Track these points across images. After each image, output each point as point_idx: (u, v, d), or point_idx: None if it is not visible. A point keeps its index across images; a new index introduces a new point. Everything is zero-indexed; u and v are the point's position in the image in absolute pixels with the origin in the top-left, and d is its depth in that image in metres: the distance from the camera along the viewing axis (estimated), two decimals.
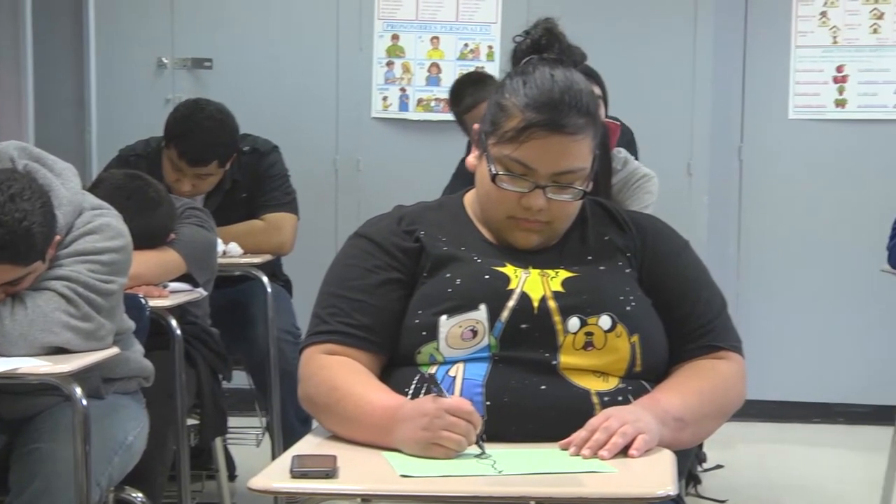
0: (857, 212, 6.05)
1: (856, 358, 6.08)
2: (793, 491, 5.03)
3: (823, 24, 6.11)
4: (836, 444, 5.85)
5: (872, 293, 5.85)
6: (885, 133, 6.10)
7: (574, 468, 1.95)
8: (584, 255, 2.33)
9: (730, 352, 2.34)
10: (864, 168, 6.11)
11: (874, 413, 5.88)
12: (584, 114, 2.27)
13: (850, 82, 6.11)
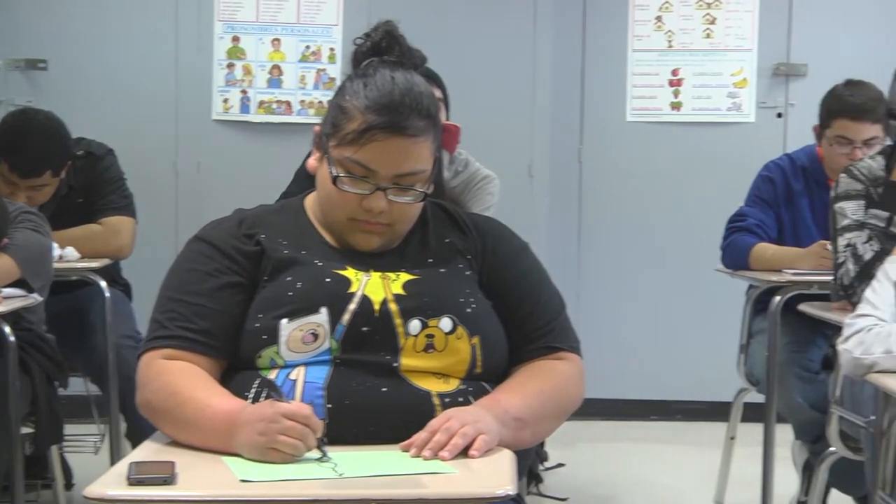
0: (692, 212, 6.17)
1: (692, 355, 6.21)
2: (632, 487, 5.12)
3: (659, 28, 6.23)
4: (673, 440, 5.96)
5: (708, 292, 5.97)
6: (719, 135, 6.24)
7: (415, 469, 1.95)
8: (424, 258, 2.34)
9: (568, 352, 2.37)
10: (698, 169, 6.24)
11: (710, 409, 6.01)
12: (424, 116, 2.28)
13: (685, 85, 6.24)
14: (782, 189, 4.38)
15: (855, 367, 2.85)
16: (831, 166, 4.24)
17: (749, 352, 4.45)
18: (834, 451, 3.68)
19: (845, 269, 3.40)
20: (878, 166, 3.52)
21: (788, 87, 6.22)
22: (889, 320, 2.87)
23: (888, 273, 2.94)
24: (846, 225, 3.48)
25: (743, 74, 6.21)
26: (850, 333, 2.87)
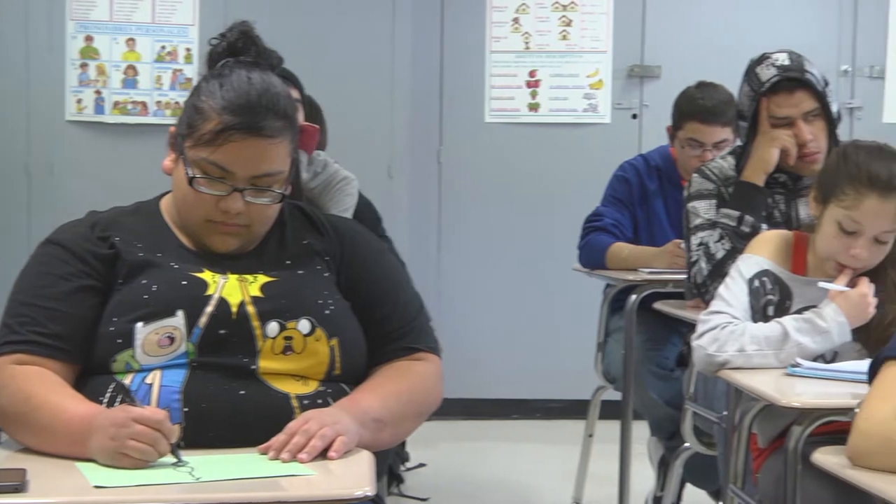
0: (550, 212, 6.24)
1: (551, 354, 6.27)
2: (493, 486, 5.15)
3: (516, 30, 6.29)
4: (533, 438, 6.02)
5: (566, 291, 6.04)
6: (576, 135, 6.32)
7: (273, 472, 1.95)
8: (282, 260, 2.33)
9: (427, 353, 2.38)
10: (556, 169, 6.31)
11: (569, 407, 6.08)
12: (281, 117, 2.27)
13: (543, 87, 6.30)
14: (637, 189, 4.44)
15: (708, 364, 2.91)
16: (684, 167, 4.32)
17: (606, 350, 4.50)
18: (688, 447, 3.74)
19: (698, 268, 3.46)
20: (729, 166, 3.59)
21: (643, 89, 6.32)
22: (742, 318, 2.93)
23: (741, 271, 3.00)
24: (699, 224, 3.54)
25: (599, 76, 6.29)
26: (704, 331, 2.92)
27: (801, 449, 2.55)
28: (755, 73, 3.49)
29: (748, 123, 3.52)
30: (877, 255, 2.90)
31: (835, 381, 2.72)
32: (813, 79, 3.44)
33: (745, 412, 2.89)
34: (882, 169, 2.83)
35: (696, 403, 3.55)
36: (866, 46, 6.31)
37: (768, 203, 3.52)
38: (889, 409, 2.20)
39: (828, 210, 2.90)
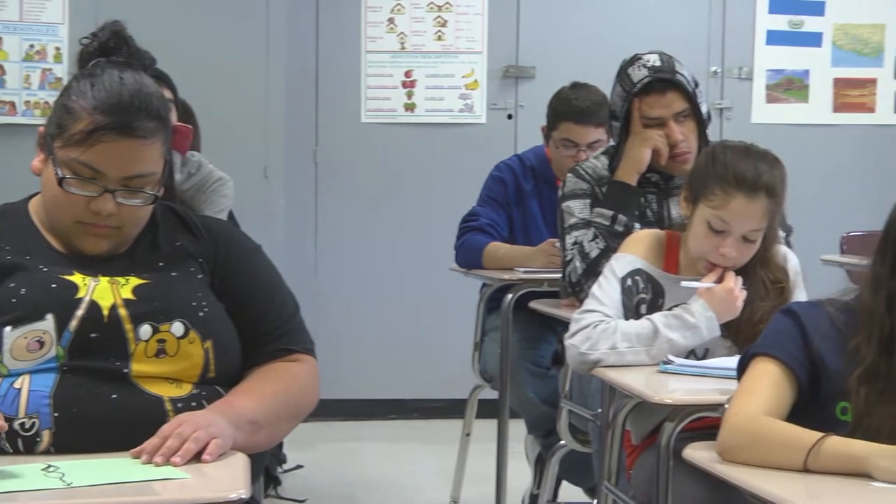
0: (427, 212, 6.25)
1: (429, 354, 6.29)
2: (370, 487, 5.16)
3: (391, 30, 6.30)
4: (411, 438, 6.03)
5: (443, 291, 6.06)
6: (452, 136, 6.34)
7: (147, 476, 1.93)
8: (155, 262, 2.31)
9: (303, 353, 2.38)
10: (432, 169, 6.33)
11: (446, 407, 6.11)
12: (154, 117, 2.25)
13: (418, 87, 6.32)
14: (513, 189, 4.47)
15: (581, 362, 2.94)
16: (558, 167, 4.36)
17: (483, 349, 4.52)
18: (564, 445, 3.78)
19: (573, 267, 3.50)
20: (603, 166, 3.63)
21: (518, 89, 6.37)
22: (614, 316, 2.96)
23: (614, 270, 3.04)
24: (573, 223, 3.58)
25: (474, 76, 6.33)
26: (577, 330, 2.95)
27: (673, 445, 2.59)
28: (627, 73, 3.53)
29: (621, 124, 3.57)
30: (746, 254, 2.96)
31: (705, 377, 2.77)
32: (683, 80, 3.50)
33: (618, 409, 2.93)
34: (748, 169, 2.88)
35: (572, 401, 3.59)
36: (735, 48, 6.43)
37: (641, 202, 3.56)
38: (757, 405, 2.25)
39: (697, 210, 2.95)
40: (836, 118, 6.48)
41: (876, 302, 2.29)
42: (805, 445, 2.14)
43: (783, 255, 3.06)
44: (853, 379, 2.26)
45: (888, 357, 2.26)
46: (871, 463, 2.09)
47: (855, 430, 2.22)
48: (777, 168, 2.92)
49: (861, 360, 2.27)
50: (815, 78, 6.45)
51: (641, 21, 6.32)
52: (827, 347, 2.30)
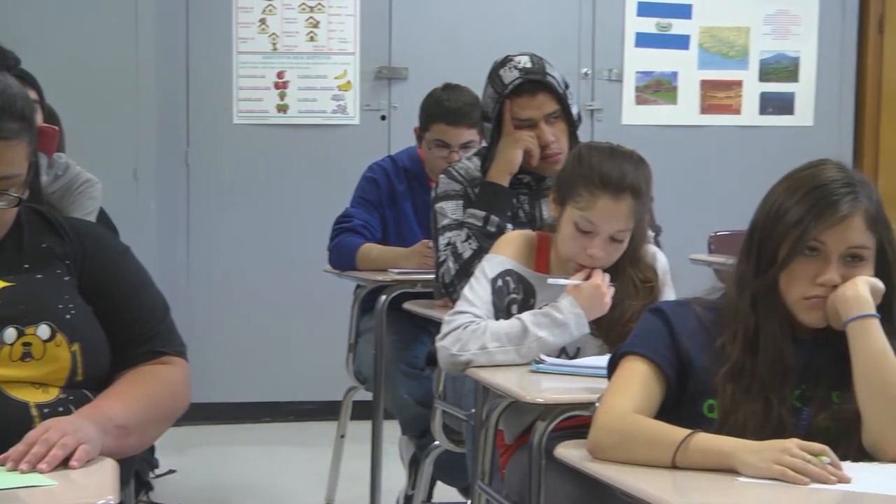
0: (300, 214, 6.22)
1: (303, 356, 6.26)
2: (244, 490, 5.12)
3: (263, 30, 6.26)
4: (285, 441, 6.00)
5: (317, 292, 6.04)
6: (325, 137, 6.32)
7: (12, 484, 1.89)
8: (20, 264, 2.27)
9: (174, 356, 2.36)
10: (306, 171, 6.29)
11: (321, 409, 6.08)
12: (18, 118, 2.21)
13: (291, 88, 6.29)
14: (386, 190, 4.47)
15: (452, 364, 2.95)
16: (431, 168, 4.37)
17: (357, 351, 4.52)
18: (438, 445, 3.79)
19: (446, 268, 3.51)
20: (475, 167, 3.65)
21: (391, 90, 6.37)
22: (485, 317, 2.98)
23: (485, 271, 3.05)
24: (446, 224, 3.59)
25: (347, 77, 6.31)
26: (447, 331, 2.96)
27: (545, 444, 2.62)
28: (498, 75, 3.55)
29: (492, 125, 3.59)
30: (613, 254, 2.99)
31: (577, 376, 2.80)
32: (554, 81, 3.53)
33: (491, 409, 2.94)
34: (613, 170, 2.92)
35: (446, 402, 3.60)
36: (605, 50, 6.50)
37: (513, 203, 3.59)
38: (627, 403, 2.28)
39: (565, 211, 2.98)
40: (704, 119, 6.59)
41: (741, 300, 2.34)
42: (673, 442, 2.18)
43: (652, 254, 3.10)
44: (719, 377, 2.30)
45: (753, 355, 2.31)
46: (737, 458, 2.13)
47: (721, 427, 2.26)
48: (642, 168, 2.96)
49: (727, 358, 2.31)
50: (682, 80, 6.55)
51: (513, 23, 6.36)
52: (694, 346, 2.34)
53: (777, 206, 2.32)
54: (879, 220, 2.31)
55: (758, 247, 2.34)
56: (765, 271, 2.32)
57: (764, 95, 6.59)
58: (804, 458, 2.09)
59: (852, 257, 2.29)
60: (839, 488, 2.07)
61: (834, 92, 6.63)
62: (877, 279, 2.30)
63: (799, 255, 2.28)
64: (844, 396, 2.29)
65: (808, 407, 2.31)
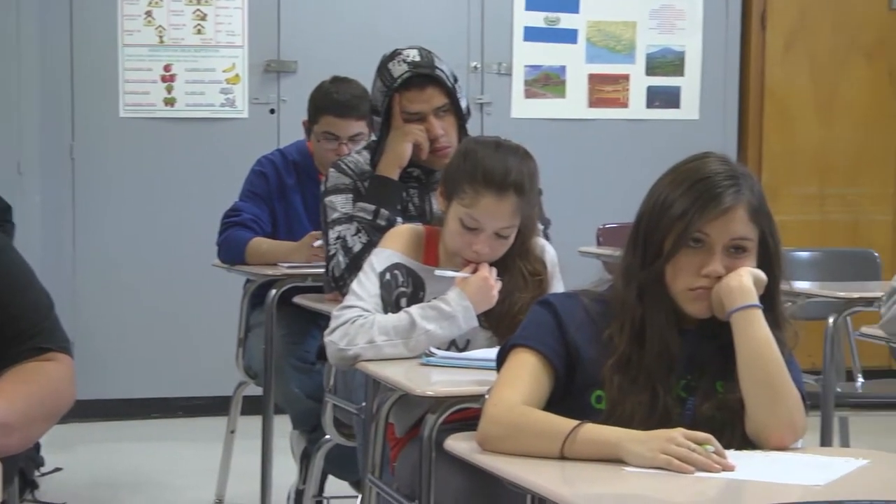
0: (189, 208, 6.16)
1: (193, 351, 6.21)
2: (132, 488, 5.07)
3: (149, 23, 6.18)
4: (174, 437, 5.95)
5: (206, 287, 5.98)
6: (213, 131, 6.27)
7: None
8: None
9: (58, 352, 2.32)
10: (194, 165, 6.24)
11: (211, 404, 6.03)
12: None
13: (178, 81, 6.22)
14: (275, 183, 4.45)
15: (340, 358, 2.95)
16: (320, 161, 4.35)
17: (247, 345, 4.49)
18: (329, 439, 3.78)
19: (336, 262, 3.50)
20: (365, 161, 3.65)
21: (280, 84, 6.33)
22: (373, 310, 2.98)
23: (373, 265, 3.05)
24: (336, 218, 3.58)
25: (235, 71, 6.26)
26: (335, 326, 2.96)
27: (435, 436, 2.62)
28: (387, 68, 3.55)
29: (382, 118, 3.58)
30: (499, 250, 3.00)
31: (467, 368, 2.81)
32: (443, 75, 3.54)
33: (381, 403, 2.94)
34: (498, 167, 2.92)
35: (336, 396, 3.59)
36: (494, 44, 6.52)
37: (403, 197, 3.59)
38: (515, 395, 2.29)
39: (451, 207, 2.98)
40: (592, 113, 6.64)
41: (627, 292, 2.36)
42: (562, 433, 2.20)
43: (541, 247, 3.12)
44: (607, 368, 2.33)
45: (639, 346, 2.33)
46: (624, 448, 2.15)
47: (609, 418, 2.29)
48: (527, 163, 2.97)
49: (614, 350, 2.34)
50: (571, 74, 6.59)
51: (402, 16, 6.36)
52: (582, 337, 2.36)
53: (662, 198, 2.35)
54: (762, 211, 2.35)
55: (644, 239, 2.36)
56: (651, 263, 2.34)
57: (651, 89, 6.67)
58: (689, 447, 2.13)
59: (735, 249, 2.33)
60: (723, 476, 2.11)
61: (718, 86, 6.72)
62: (759, 270, 2.34)
63: (683, 247, 2.31)
64: (728, 386, 2.33)
65: (693, 397, 2.34)
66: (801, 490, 2.06)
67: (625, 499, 2.04)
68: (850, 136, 6.86)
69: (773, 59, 6.79)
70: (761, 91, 6.78)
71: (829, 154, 6.84)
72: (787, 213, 6.56)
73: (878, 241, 6.41)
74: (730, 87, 6.76)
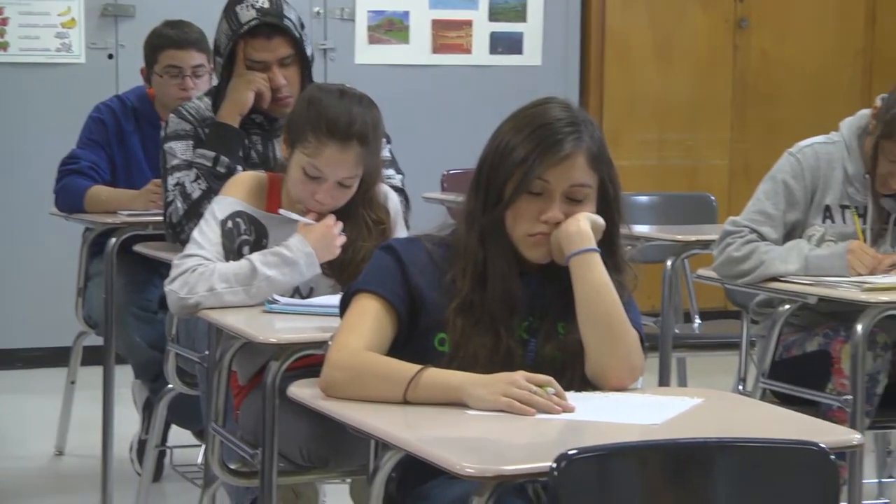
0: (24, 155, 6.03)
1: (31, 302, 6.09)
2: None
3: None
4: (14, 389, 5.84)
5: (44, 236, 5.87)
6: (49, 76, 6.13)
7: None
8: None
9: None
10: (29, 111, 6.09)
11: (51, 355, 5.92)
12: None
13: (11, 25, 6.05)
14: (114, 130, 4.37)
15: (181, 307, 2.92)
16: (164, 103, 4.27)
17: (87, 295, 4.42)
18: (172, 388, 3.75)
19: (174, 208, 3.46)
20: (206, 107, 3.59)
21: (118, 28, 6.21)
22: (214, 259, 2.95)
23: (214, 212, 3.02)
24: (175, 164, 3.53)
25: (71, 14, 6.12)
26: (176, 275, 2.92)
27: (279, 384, 2.62)
28: (234, 11, 3.49)
29: (224, 62, 3.53)
30: (341, 199, 2.99)
31: (311, 315, 2.81)
32: (291, 24, 3.49)
33: (224, 351, 2.93)
34: (341, 116, 2.91)
35: (179, 344, 3.56)
36: None
37: (245, 144, 3.55)
38: (359, 340, 2.30)
39: (294, 155, 2.97)
40: (436, 59, 6.65)
41: (470, 237, 2.38)
42: (405, 378, 2.21)
43: (384, 194, 3.12)
44: (450, 311, 2.35)
45: (482, 289, 2.36)
46: (465, 392, 2.18)
47: (452, 360, 2.31)
48: (371, 112, 2.97)
49: (457, 293, 2.36)
50: (414, 19, 6.58)
51: None
52: (425, 281, 2.37)
53: (503, 144, 2.36)
54: (602, 158, 2.38)
55: (485, 184, 2.38)
56: (492, 208, 2.36)
57: (494, 35, 6.70)
58: (530, 390, 2.16)
59: (575, 195, 2.35)
60: (563, 418, 2.15)
61: (560, 32, 6.78)
62: (597, 216, 2.37)
63: (524, 193, 2.33)
64: (569, 327, 2.37)
65: (535, 338, 2.38)
66: (639, 429, 2.11)
67: (467, 441, 2.06)
68: (689, 82, 6.98)
69: (613, 5, 6.87)
70: (602, 37, 6.86)
71: (668, 100, 6.96)
72: (628, 158, 6.67)
73: (714, 186, 6.55)
74: (571, 33, 6.82)
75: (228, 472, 2.95)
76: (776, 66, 7.07)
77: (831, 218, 3.49)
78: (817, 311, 3.48)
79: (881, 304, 3.20)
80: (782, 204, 3.47)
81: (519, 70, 6.69)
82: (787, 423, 2.28)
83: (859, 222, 3.47)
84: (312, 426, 2.67)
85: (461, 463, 1.89)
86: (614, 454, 1.90)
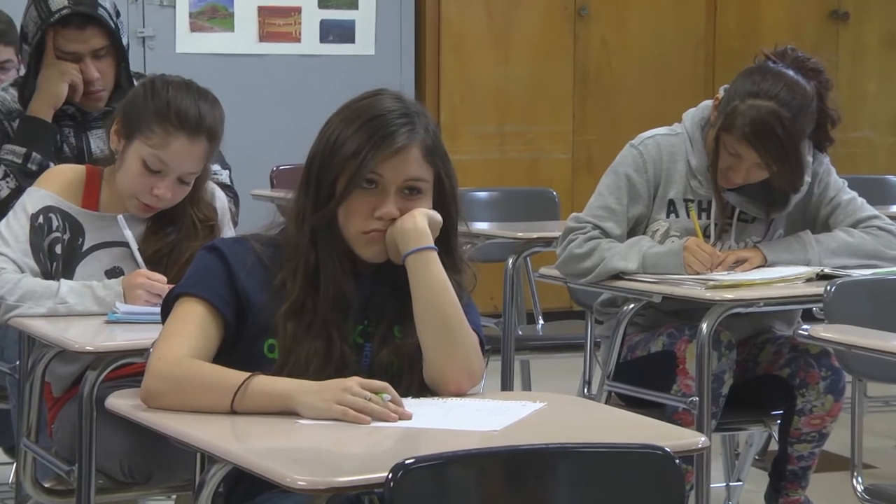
0: None
1: None
2: None
3: None
4: None
5: None
6: None
7: None
8: None
9: None
10: None
11: None
12: None
13: None
14: None
15: None
16: None
17: None
18: None
19: None
20: (12, 99, 3.51)
21: None
22: (20, 257, 2.89)
23: (25, 205, 2.96)
24: None
25: None
26: None
27: (96, 394, 2.57)
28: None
29: (32, 51, 3.46)
30: (179, 195, 2.97)
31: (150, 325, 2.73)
32: (105, 14, 3.42)
33: (37, 360, 2.87)
34: (191, 108, 2.90)
35: None
36: None
37: (58, 137, 3.48)
38: (182, 347, 2.26)
39: (132, 146, 2.92)
40: (262, 48, 6.60)
41: (300, 236, 2.36)
42: (232, 387, 2.19)
43: (211, 192, 3.11)
44: (279, 315, 2.32)
45: (314, 291, 2.34)
46: (296, 400, 2.16)
47: (283, 367, 2.29)
48: (217, 109, 2.98)
49: (287, 296, 2.33)
50: (239, 6, 6.52)
51: None
52: (253, 284, 2.35)
53: (334, 137, 2.35)
54: (437, 151, 2.38)
55: (316, 180, 2.36)
56: (323, 205, 2.34)
57: (324, 23, 6.67)
58: (365, 397, 2.15)
59: (410, 190, 2.35)
60: (400, 425, 2.15)
61: (394, 20, 6.77)
62: (434, 211, 2.37)
63: (357, 189, 2.32)
64: (406, 331, 2.36)
65: (370, 343, 2.37)
66: (478, 436, 2.12)
67: (298, 452, 2.05)
68: (528, 72, 7.03)
69: None
70: (438, 26, 6.87)
71: (507, 91, 7.00)
72: (467, 151, 6.70)
73: (556, 180, 6.64)
74: (406, 21, 6.82)
75: (43, 490, 2.90)
76: (617, 55, 7.15)
77: (675, 212, 3.54)
78: (662, 311, 3.52)
79: (726, 301, 3.26)
80: (625, 198, 3.50)
81: (351, 60, 6.67)
82: (632, 426, 2.31)
83: (697, 218, 3.51)
84: (133, 439, 2.63)
85: (292, 475, 1.88)
86: (452, 463, 1.90)
